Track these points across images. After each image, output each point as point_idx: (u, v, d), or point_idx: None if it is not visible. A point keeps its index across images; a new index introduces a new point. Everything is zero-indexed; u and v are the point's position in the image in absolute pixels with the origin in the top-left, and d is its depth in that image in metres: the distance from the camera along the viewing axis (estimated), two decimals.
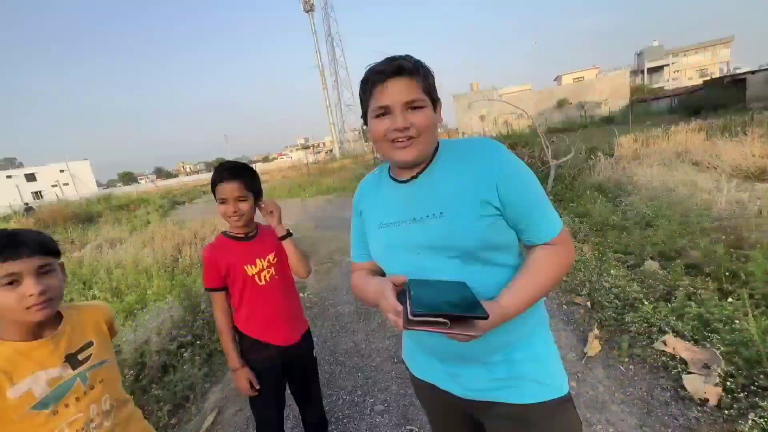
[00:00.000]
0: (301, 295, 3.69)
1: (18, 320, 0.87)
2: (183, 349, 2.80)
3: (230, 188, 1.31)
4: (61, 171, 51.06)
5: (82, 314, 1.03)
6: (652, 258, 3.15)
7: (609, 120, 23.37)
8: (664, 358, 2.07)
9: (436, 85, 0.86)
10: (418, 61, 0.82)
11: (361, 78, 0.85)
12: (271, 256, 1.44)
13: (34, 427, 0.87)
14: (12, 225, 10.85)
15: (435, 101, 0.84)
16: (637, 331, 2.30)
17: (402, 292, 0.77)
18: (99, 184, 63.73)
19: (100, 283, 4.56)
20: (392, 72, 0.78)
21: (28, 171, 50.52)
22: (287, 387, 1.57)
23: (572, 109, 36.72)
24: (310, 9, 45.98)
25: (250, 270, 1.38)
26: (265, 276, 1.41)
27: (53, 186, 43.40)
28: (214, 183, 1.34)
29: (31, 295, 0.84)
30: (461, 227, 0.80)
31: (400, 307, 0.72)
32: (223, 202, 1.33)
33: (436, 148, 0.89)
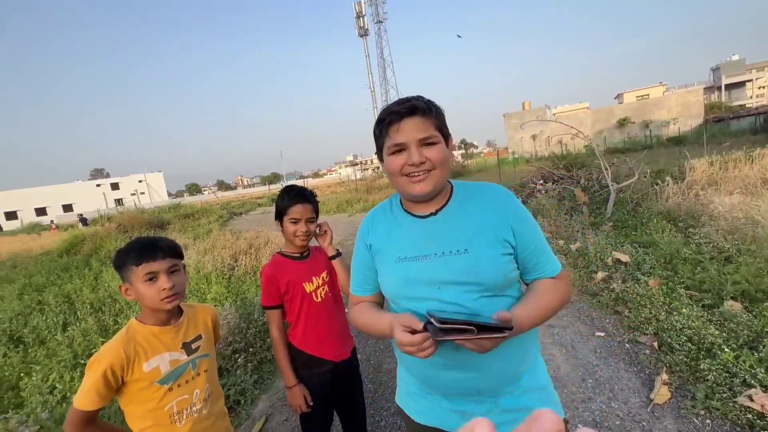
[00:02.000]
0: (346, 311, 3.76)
1: (155, 308, 1.07)
2: (237, 355, 2.97)
3: (304, 210, 1.43)
4: (140, 181, 57.18)
5: (196, 311, 1.22)
6: (733, 298, 2.81)
7: (678, 141, 21.45)
8: (749, 416, 1.81)
9: (447, 121, 0.92)
10: (430, 101, 0.89)
11: (377, 118, 0.92)
12: (324, 274, 1.52)
13: (155, 399, 1.05)
14: (98, 229, 12.31)
15: (446, 137, 0.90)
16: (715, 380, 2.05)
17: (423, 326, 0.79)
18: (169, 194, 70.28)
19: None
20: (407, 112, 0.85)
21: (113, 181, 57.22)
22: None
23: (635, 128, 34.31)
24: (364, 34, 48.17)
25: (308, 287, 1.45)
26: (320, 293, 1.48)
27: (132, 194, 48.73)
28: (288, 204, 1.43)
29: (164, 289, 1.04)
30: (486, 264, 0.85)
31: (419, 325, 0.77)
32: (295, 222, 1.43)
33: (451, 188, 0.96)
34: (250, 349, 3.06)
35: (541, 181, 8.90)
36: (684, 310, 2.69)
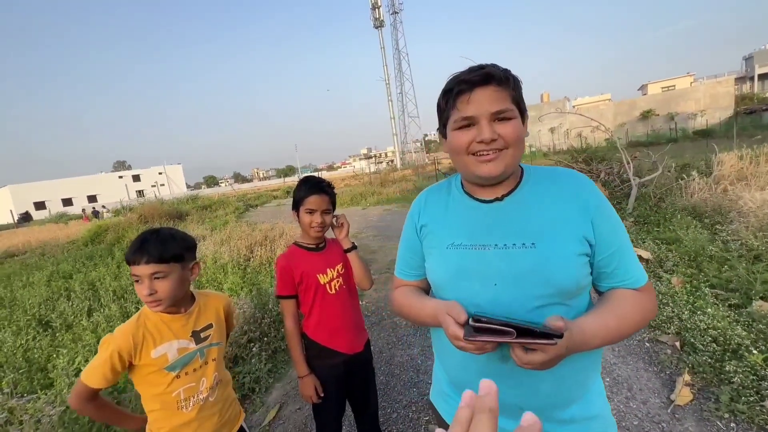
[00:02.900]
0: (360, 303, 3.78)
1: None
2: (252, 344, 3.03)
3: (320, 201, 1.42)
4: (159, 173, 58.69)
5: (209, 300, 1.23)
6: (762, 298, 2.68)
7: (706, 133, 20.58)
8: None
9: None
10: (507, 69, 0.76)
11: (443, 87, 0.79)
12: (339, 267, 1.51)
13: (162, 384, 1.08)
14: (121, 219, 12.72)
15: (523, 112, 0.78)
16: (741, 383, 1.97)
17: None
18: (188, 186, 72.00)
19: None
20: (480, 81, 0.73)
21: (135, 173, 58.91)
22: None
23: (660, 121, 33.09)
24: (379, 25, 47.71)
25: (323, 279, 1.46)
26: (335, 285, 1.48)
27: (152, 186, 50.11)
28: (304, 195, 1.43)
29: (144, 294, 1.04)
30: (557, 264, 0.72)
31: (464, 317, 0.67)
32: (311, 212, 1.43)
33: (522, 172, 0.83)
34: (265, 339, 3.11)
35: None
36: (709, 309, 2.60)
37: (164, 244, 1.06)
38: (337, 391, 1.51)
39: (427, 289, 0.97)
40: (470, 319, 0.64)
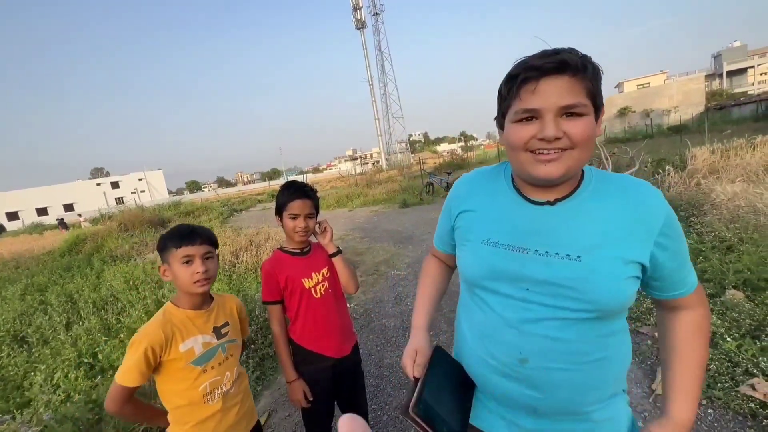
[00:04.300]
0: (348, 306, 3.77)
1: (187, 291, 1.15)
2: None
3: (303, 205, 1.42)
4: (140, 179, 57.18)
5: (224, 299, 1.32)
6: (735, 287, 2.80)
7: (679, 129, 21.31)
8: (752, 405, 1.81)
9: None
10: (587, 56, 0.65)
11: (508, 72, 0.69)
12: (324, 270, 1.51)
13: (190, 378, 1.13)
14: (100, 228, 12.32)
15: (598, 108, 0.68)
16: (717, 370, 2.05)
17: (431, 358, 0.81)
18: (170, 192, 70.29)
19: (169, 283, 5.00)
20: (552, 68, 0.62)
21: (114, 179, 57.19)
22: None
23: (636, 117, 34.12)
24: (361, 26, 47.71)
25: (307, 283, 1.45)
26: (320, 289, 1.47)
27: (132, 193, 48.77)
28: (287, 200, 1.43)
29: (197, 272, 1.12)
30: (603, 282, 0.66)
31: (414, 374, 0.79)
32: (294, 217, 1.42)
33: (582, 176, 0.75)
34: (252, 346, 3.06)
35: None
36: None
37: (208, 230, 1.21)
38: (326, 396, 1.50)
39: (454, 266, 0.99)
40: (410, 407, 0.68)
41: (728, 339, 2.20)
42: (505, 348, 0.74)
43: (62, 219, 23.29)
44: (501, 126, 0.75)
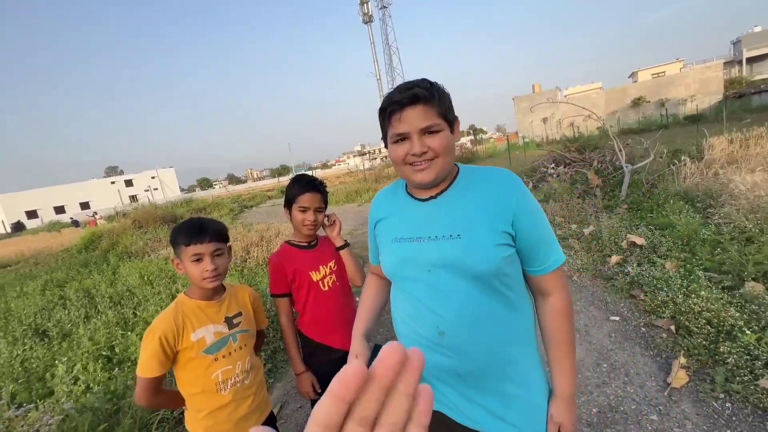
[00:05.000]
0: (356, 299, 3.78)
1: (198, 286, 1.18)
2: None
3: (313, 199, 1.43)
4: (152, 177, 58.17)
5: (237, 290, 1.33)
6: (754, 279, 2.72)
7: (696, 118, 20.71)
8: None
9: (453, 105, 0.89)
10: (434, 85, 0.85)
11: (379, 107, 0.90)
12: (332, 263, 1.51)
13: (202, 367, 1.16)
14: (115, 225, 12.60)
15: (451, 122, 0.87)
16: (735, 363, 2.00)
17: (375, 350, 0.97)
18: (181, 189, 71.39)
19: (182, 278, 5.09)
20: (408, 101, 0.82)
21: (127, 178, 58.30)
22: None
23: (650, 107, 33.28)
24: (368, 20, 47.36)
25: (315, 276, 1.45)
26: (327, 282, 1.48)
27: (145, 191, 49.63)
28: (297, 193, 1.43)
29: (206, 270, 1.14)
30: (477, 252, 0.83)
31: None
32: (304, 210, 1.43)
33: (457, 172, 0.93)
34: (264, 339, 3.10)
35: (553, 165, 8.72)
36: (702, 292, 2.63)
37: (218, 225, 1.21)
38: None
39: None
40: None
41: (747, 332, 2.14)
42: (425, 325, 0.89)
43: (74, 218, 23.87)
44: (386, 145, 0.93)
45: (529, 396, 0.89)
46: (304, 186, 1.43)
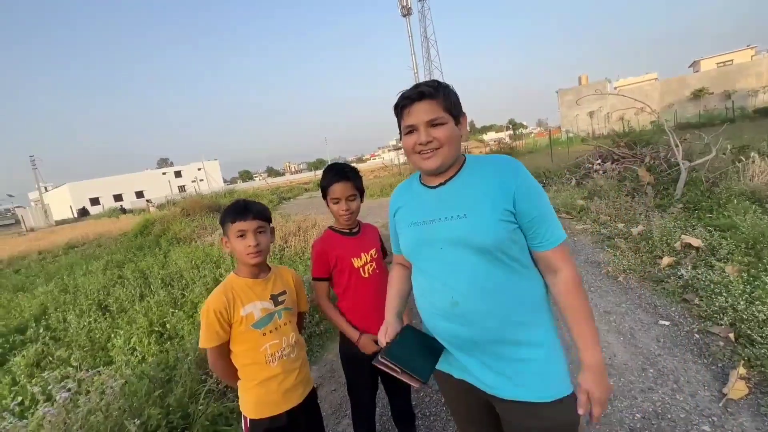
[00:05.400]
0: None
1: (243, 262, 1.27)
2: None
3: (344, 188, 1.44)
4: (199, 169, 61.60)
5: (281, 270, 1.42)
6: None
7: None
8: None
9: (460, 102, 1.00)
10: (441, 84, 0.98)
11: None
12: (373, 251, 1.54)
13: (251, 340, 1.25)
14: (166, 213, 13.53)
15: (457, 116, 0.98)
16: None
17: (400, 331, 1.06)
18: (224, 181, 75.06)
19: (225, 264, 5.39)
20: (416, 97, 0.95)
21: (176, 169, 62.20)
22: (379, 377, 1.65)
23: (714, 99, 30.41)
24: (407, 13, 46.90)
25: (356, 263, 1.49)
26: (368, 269, 1.51)
27: (192, 181, 52.79)
28: (328, 184, 1.46)
29: (249, 246, 1.22)
30: (480, 227, 0.92)
31: (385, 340, 1.05)
32: (336, 201, 1.45)
33: (464, 161, 1.03)
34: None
35: (599, 161, 8.24)
36: None
37: (261, 206, 1.30)
38: (372, 372, 1.55)
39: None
40: (380, 354, 0.95)
41: None
42: (440, 297, 0.97)
43: (123, 206, 25.97)
44: (401, 138, 1.05)
45: (542, 359, 0.94)
46: (335, 176, 1.44)
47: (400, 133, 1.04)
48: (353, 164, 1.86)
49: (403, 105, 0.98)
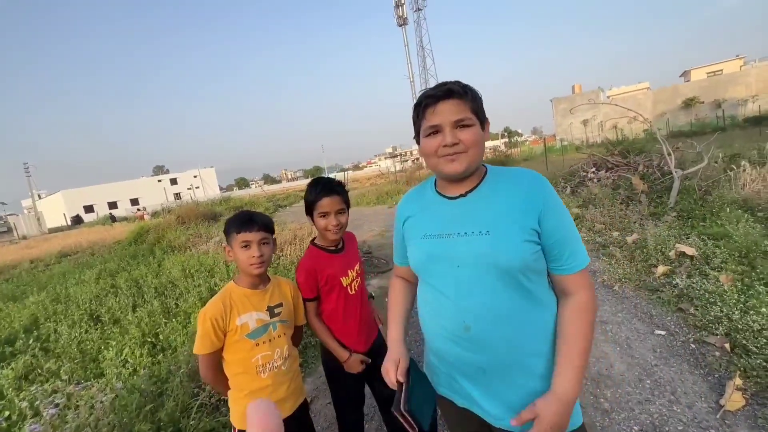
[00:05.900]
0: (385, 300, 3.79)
1: (245, 272, 1.27)
2: None
3: (333, 202, 1.39)
4: (194, 176, 61.35)
5: (280, 282, 1.41)
6: None
7: (758, 121, 18.99)
8: None
9: (484, 105, 0.93)
10: (467, 85, 0.90)
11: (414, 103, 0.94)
12: (357, 267, 1.53)
13: (244, 350, 1.25)
14: (161, 221, 13.43)
15: (483, 121, 0.91)
16: None
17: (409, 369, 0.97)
18: (220, 188, 74.85)
19: (220, 273, 5.34)
20: (443, 95, 0.87)
21: (172, 176, 61.92)
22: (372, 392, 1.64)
23: (705, 108, 30.92)
24: (403, 23, 47.49)
25: (345, 281, 1.46)
26: (354, 286, 1.50)
27: (188, 189, 52.53)
28: (315, 198, 1.40)
29: (253, 256, 1.23)
30: (506, 247, 0.84)
31: (397, 382, 0.93)
32: (325, 215, 1.40)
33: (485, 172, 0.96)
34: None
35: (593, 169, 8.32)
36: (763, 309, 2.41)
37: (266, 218, 1.32)
38: (359, 389, 1.53)
39: (414, 281, 1.12)
40: (402, 406, 0.86)
41: None
42: (451, 319, 0.90)
43: (113, 214, 25.89)
44: (418, 142, 0.97)
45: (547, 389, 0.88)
46: (322, 190, 1.39)
47: (417, 136, 0.95)
48: (350, 171, 1.86)
49: (426, 104, 0.89)
